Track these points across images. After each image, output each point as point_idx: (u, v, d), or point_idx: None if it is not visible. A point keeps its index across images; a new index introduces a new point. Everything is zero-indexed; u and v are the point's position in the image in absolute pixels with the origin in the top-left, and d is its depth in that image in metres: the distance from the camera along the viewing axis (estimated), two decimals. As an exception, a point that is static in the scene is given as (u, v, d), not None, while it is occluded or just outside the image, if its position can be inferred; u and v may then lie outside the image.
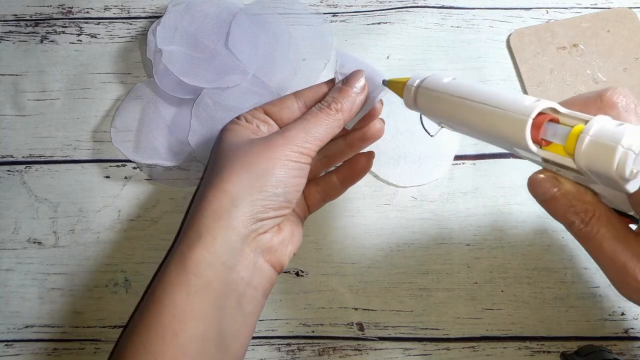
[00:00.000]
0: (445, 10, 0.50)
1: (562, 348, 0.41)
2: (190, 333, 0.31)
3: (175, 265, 0.32)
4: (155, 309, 0.31)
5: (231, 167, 0.34)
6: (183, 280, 0.31)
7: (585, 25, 0.49)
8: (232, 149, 0.35)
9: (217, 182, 0.33)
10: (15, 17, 0.51)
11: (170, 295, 0.31)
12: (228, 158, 0.34)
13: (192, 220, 0.33)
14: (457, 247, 0.43)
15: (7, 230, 0.44)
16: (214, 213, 0.32)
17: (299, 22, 0.50)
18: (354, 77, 0.38)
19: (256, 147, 0.34)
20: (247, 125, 0.37)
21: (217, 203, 0.32)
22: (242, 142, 0.35)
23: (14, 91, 0.48)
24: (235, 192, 0.33)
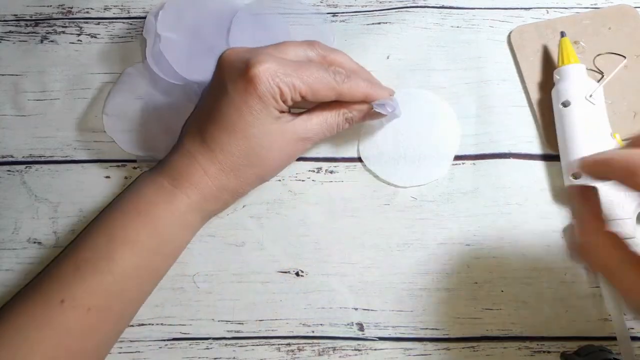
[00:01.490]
0: (445, 10, 0.50)
1: (562, 348, 0.41)
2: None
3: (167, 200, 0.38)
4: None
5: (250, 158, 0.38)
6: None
7: (586, 22, 0.48)
8: (257, 132, 0.37)
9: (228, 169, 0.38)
10: (15, 17, 0.51)
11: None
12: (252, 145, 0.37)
13: (193, 170, 0.38)
14: (457, 247, 0.43)
15: (7, 230, 0.44)
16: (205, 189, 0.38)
17: (300, 22, 0.50)
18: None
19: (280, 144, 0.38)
20: (279, 105, 0.37)
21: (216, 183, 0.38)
22: (270, 127, 0.38)
23: (14, 91, 0.48)
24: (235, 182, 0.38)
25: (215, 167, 0.38)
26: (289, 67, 0.37)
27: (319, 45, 0.41)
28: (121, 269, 0.36)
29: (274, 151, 0.38)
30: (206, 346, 0.41)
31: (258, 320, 0.42)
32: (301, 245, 0.43)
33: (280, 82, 0.36)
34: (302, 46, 0.40)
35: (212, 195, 0.38)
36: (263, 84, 0.35)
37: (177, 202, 0.37)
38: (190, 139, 0.39)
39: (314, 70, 0.37)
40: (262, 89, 0.36)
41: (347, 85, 0.38)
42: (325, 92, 0.38)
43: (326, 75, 0.38)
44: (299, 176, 0.45)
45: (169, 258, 0.40)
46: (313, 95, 0.37)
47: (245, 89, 0.36)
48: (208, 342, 0.42)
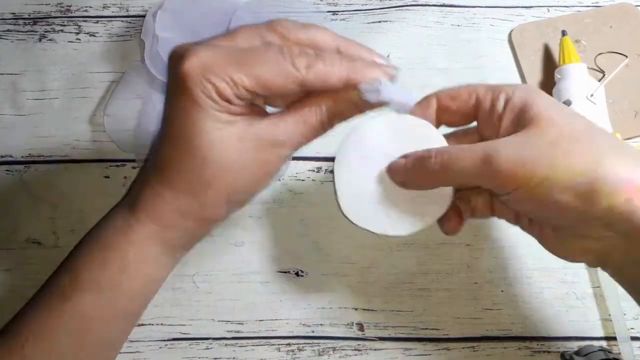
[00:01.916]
0: (446, 8, 0.49)
1: (562, 348, 0.41)
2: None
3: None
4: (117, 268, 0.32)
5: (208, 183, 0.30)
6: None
7: (587, 20, 0.48)
8: (202, 142, 0.30)
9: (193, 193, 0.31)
10: (13, 16, 0.50)
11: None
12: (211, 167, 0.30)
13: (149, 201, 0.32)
14: (457, 247, 0.43)
15: (6, 230, 0.44)
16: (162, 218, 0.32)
17: (300, 20, 0.49)
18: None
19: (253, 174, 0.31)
20: (221, 105, 0.29)
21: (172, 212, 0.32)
22: (218, 134, 0.30)
23: (13, 90, 0.48)
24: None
25: (169, 189, 0.31)
26: (229, 56, 0.29)
27: (282, 24, 0.31)
28: (82, 311, 0.32)
29: (231, 163, 0.30)
30: (206, 346, 0.41)
31: (258, 320, 0.42)
32: (301, 245, 0.43)
33: (213, 76, 0.28)
34: (258, 29, 0.31)
35: (171, 223, 0.32)
36: (192, 81, 0.28)
37: (134, 234, 0.32)
38: (148, 157, 0.34)
39: (263, 55, 0.29)
40: (193, 89, 0.28)
41: (314, 70, 0.29)
42: (281, 82, 0.29)
43: (281, 59, 0.29)
44: (299, 176, 0.45)
45: (138, 297, 0.34)
46: (264, 88, 0.29)
47: (178, 91, 0.29)
48: (208, 342, 0.42)
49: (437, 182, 0.33)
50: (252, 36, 0.31)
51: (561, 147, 0.29)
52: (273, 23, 0.31)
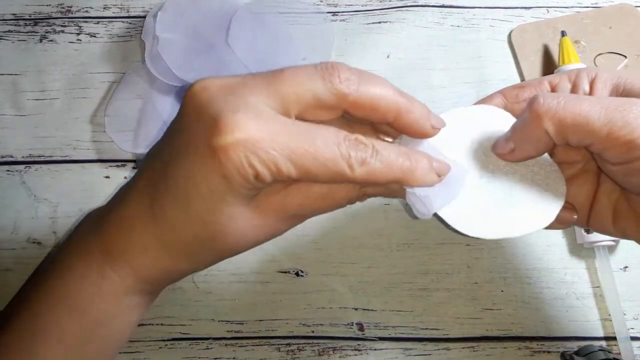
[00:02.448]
0: (446, 9, 0.50)
1: (562, 348, 0.41)
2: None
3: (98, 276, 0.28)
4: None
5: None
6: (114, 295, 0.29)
7: (587, 21, 0.48)
8: (220, 219, 0.26)
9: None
10: (14, 16, 0.51)
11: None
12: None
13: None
14: (457, 247, 0.43)
15: (7, 230, 0.44)
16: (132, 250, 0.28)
17: (300, 21, 0.49)
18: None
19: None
20: (253, 185, 0.25)
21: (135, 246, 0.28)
22: (238, 209, 0.26)
23: (13, 91, 0.48)
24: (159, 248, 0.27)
25: (159, 246, 0.27)
26: (279, 136, 0.24)
27: (341, 75, 0.26)
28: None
29: (244, 236, 0.27)
30: (206, 346, 0.41)
31: (258, 320, 0.42)
32: (301, 245, 0.43)
33: (258, 162, 0.24)
34: (311, 78, 0.26)
35: (152, 278, 0.29)
36: (231, 162, 0.24)
37: (108, 286, 0.28)
38: (137, 193, 0.28)
39: (316, 141, 0.24)
40: (229, 168, 0.24)
41: (367, 169, 0.25)
42: (329, 178, 0.25)
43: (337, 155, 0.25)
44: (299, 176, 0.45)
45: (110, 343, 0.31)
46: (308, 178, 0.25)
47: (207, 162, 0.24)
48: (208, 342, 0.42)
49: (550, 131, 0.27)
50: (303, 88, 0.26)
51: None
52: (330, 71, 0.26)
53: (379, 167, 0.26)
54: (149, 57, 0.45)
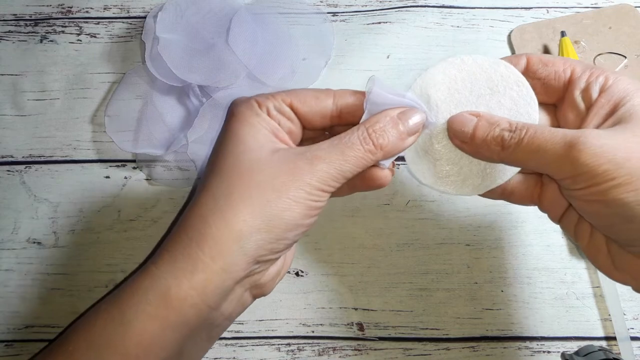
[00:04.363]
0: (446, 9, 0.50)
1: (562, 348, 0.41)
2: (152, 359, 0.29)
3: (155, 293, 0.28)
4: (124, 330, 0.28)
5: (243, 194, 0.29)
6: (161, 314, 0.28)
7: (586, 22, 0.48)
8: (247, 159, 0.30)
9: (224, 208, 0.28)
10: (14, 17, 0.51)
11: (142, 323, 0.28)
12: (241, 174, 0.29)
13: (184, 243, 0.29)
14: (457, 247, 0.43)
15: (7, 230, 0.44)
16: (213, 249, 0.28)
17: (300, 21, 0.50)
18: (414, 117, 0.31)
19: (280, 176, 0.29)
20: (268, 121, 0.31)
21: (219, 237, 0.28)
22: (261, 153, 0.30)
23: (14, 91, 0.48)
24: (243, 231, 0.28)
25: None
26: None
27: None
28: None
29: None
30: (206, 346, 0.41)
31: (258, 320, 0.42)
32: (301, 245, 0.43)
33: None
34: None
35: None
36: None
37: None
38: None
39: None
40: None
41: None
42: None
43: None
44: (299, 176, 0.45)
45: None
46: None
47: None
48: (208, 342, 0.41)
49: (504, 159, 0.30)
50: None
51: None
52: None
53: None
54: (149, 57, 0.45)
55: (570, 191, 0.28)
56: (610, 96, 0.29)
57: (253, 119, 0.31)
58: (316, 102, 0.32)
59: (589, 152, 0.26)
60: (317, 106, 0.32)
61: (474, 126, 0.30)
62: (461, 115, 0.31)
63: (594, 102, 0.29)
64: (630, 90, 0.28)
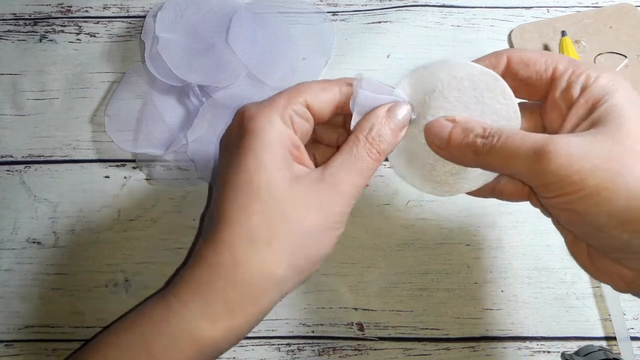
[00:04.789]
0: (446, 9, 0.50)
1: (562, 348, 0.41)
2: None
3: (188, 337, 0.28)
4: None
5: (283, 236, 0.28)
6: (193, 357, 0.28)
7: (587, 21, 0.48)
8: (275, 189, 0.29)
9: (263, 249, 0.28)
10: (14, 16, 0.51)
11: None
12: (272, 211, 0.28)
13: (217, 284, 0.28)
14: (457, 247, 0.43)
15: (7, 230, 0.44)
16: (253, 294, 0.28)
17: (300, 21, 0.49)
18: (401, 112, 0.31)
19: (308, 214, 0.29)
20: (288, 135, 0.30)
21: (259, 283, 0.28)
22: (285, 180, 0.29)
23: (13, 90, 0.48)
24: (284, 276, 0.28)
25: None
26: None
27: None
28: None
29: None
30: (206, 346, 0.41)
31: (258, 320, 0.42)
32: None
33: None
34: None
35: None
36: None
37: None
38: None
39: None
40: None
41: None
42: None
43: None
44: (299, 176, 0.45)
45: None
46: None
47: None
48: (208, 342, 0.41)
49: (476, 159, 0.29)
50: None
51: (628, 165, 0.25)
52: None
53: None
54: (149, 57, 0.45)
55: (542, 199, 0.28)
56: (589, 96, 0.28)
57: (271, 135, 0.29)
58: (325, 94, 0.32)
59: (557, 161, 0.25)
60: (327, 98, 0.32)
61: (449, 132, 0.30)
62: (437, 121, 0.31)
63: (574, 103, 0.29)
64: (610, 89, 0.27)
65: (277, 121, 0.30)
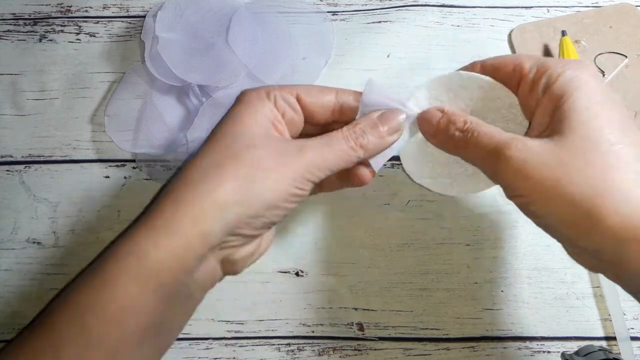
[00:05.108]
0: (446, 8, 0.50)
1: (562, 348, 0.41)
2: (134, 326, 0.29)
3: (135, 256, 0.29)
4: (104, 294, 0.28)
5: (232, 168, 0.30)
6: (140, 278, 0.28)
7: (587, 21, 0.48)
8: (245, 137, 0.31)
9: (211, 178, 0.30)
10: (13, 16, 0.51)
11: (122, 287, 0.28)
12: (234, 151, 0.31)
13: (166, 207, 0.29)
14: (457, 247, 0.43)
15: (6, 230, 0.44)
16: (194, 215, 0.29)
17: (300, 21, 0.49)
18: (392, 118, 0.34)
19: (269, 158, 0.31)
20: (271, 110, 0.33)
21: (201, 204, 0.29)
22: (257, 136, 0.31)
23: (13, 90, 0.48)
24: (227, 201, 0.29)
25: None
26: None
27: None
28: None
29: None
30: (206, 346, 0.41)
31: (258, 320, 0.42)
32: (301, 245, 0.43)
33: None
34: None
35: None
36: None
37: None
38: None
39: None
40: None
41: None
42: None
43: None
44: (299, 176, 0.45)
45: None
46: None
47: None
48: (208, 342, 0.42)
49: (456, 151, 0.32)
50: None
51: (572, 172, 0.26)
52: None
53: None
54: (149, 57, 0.45)
55: (508, 198, 0.30)
56: (551, 95, 0.29)
57: (257, 106, 0.32)
58: (320, 94, 0.34)
59: (512, 164, 0.27)
60: (321, 99, 0.34)
61: (436, 122, 0.32)
62: (429, 111, 0.33)
63: (539, 102, 0.30)
64: (569, 88, 0.28)
65: (263, 96, 0.33)
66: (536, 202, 0.27)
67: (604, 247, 0.26)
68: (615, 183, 0.26)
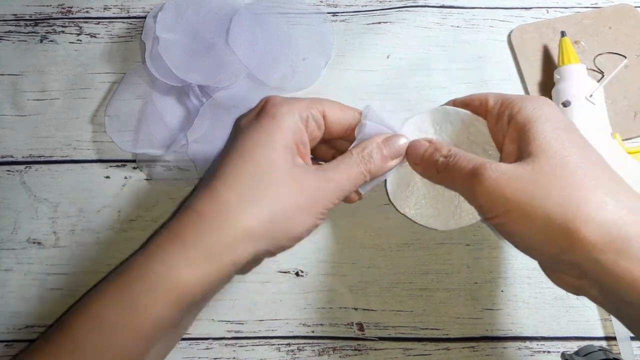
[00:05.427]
0: (446, 9, 0.50)
1: (562, 348, 0.41)
2: (160, 339, 0.31)
3: (168, 282, 0.29)
4: (135, 314, 0.29)
5: (271, 202, 0.31)
6: (174, 300, 0.30)
7: (586, 22, 0.48)
8: (277, 165, 0.32)
9: (249, 209, 0.31)
10: (14, 17, 0.51)
11: (155, 308, 0.29)
12: (271, 180, 0.32)
13: (198, 230, 0.30)
14: (457, 247, 0.43)
15: (7, 230, 0.44)
16: (228, 244, 0.30)
17: (300, 22, 0.50)
18: (395, 143, 0.36)
19: (301, 195, 0.32)
20: (301, 130, 0.34)
21: (236, 234, 0.30)
22: (286, 165, 0.32)
23: (14, 91, 0.48)
24: (260, 236, 0.31)
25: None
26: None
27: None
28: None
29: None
30: (206, 346, 0.41)
31: (258, 320, 0.42)
32: (301, 245, 0.43)
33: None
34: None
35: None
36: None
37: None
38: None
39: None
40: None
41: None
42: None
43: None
44: (299, 176, 0.45)
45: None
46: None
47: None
48: (208, 342, 0.42)
49: (438, 176, 0.34)
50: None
51: (543, 189, 0.28)
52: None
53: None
54: (150, 57, 0.45)
55: (484, 220, 0.33)
56: (515, 125, 0.31)
57: (287, 123, 0.33)
58: (342, 113, 0.36)
59: (486, 184, 0.29)
60: (342, 117, 0.36)
61: (424, 151, 0.35)
62: (418, 141, 0.36)
63: (505, 132, 0.32)
64: (531, 118, 0.31)
65: (296, 115, 0.34)
66: (512, 222, 0.29)
67: (582, 258, 0.27)
68: (587, 195, 0.27)
